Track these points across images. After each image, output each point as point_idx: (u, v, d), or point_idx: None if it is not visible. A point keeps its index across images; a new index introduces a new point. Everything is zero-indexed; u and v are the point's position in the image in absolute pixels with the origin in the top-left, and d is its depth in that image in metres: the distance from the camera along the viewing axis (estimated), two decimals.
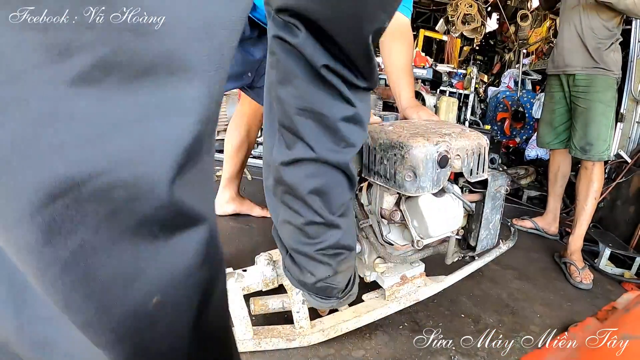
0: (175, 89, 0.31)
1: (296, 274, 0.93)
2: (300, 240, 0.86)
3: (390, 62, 1.36)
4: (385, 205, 1.09)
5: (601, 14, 1.83)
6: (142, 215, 0.32)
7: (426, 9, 6.77)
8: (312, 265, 0.89)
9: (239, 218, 1.95)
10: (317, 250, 0.86)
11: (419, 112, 1.25)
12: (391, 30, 1.35)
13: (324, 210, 0.81)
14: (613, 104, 1.89)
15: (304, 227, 0.83)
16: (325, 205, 0.81)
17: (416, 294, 1.25)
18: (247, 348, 1.07)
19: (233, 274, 1.05)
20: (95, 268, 0.31)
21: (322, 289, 0.94)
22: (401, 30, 1.34)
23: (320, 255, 0.86)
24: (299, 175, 0.77)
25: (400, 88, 1.32)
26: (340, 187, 0.81)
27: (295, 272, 0.93)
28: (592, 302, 1.61)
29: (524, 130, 3.90)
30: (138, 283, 0.34)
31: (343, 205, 0.84)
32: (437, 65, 4.24)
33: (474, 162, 1.03)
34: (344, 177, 0.80)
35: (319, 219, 0.81)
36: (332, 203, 0.81)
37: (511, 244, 1.41)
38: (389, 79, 1.39)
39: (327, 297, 0.99)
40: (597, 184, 1.88)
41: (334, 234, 0.85)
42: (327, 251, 0.86)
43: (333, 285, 0.94)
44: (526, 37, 4.14)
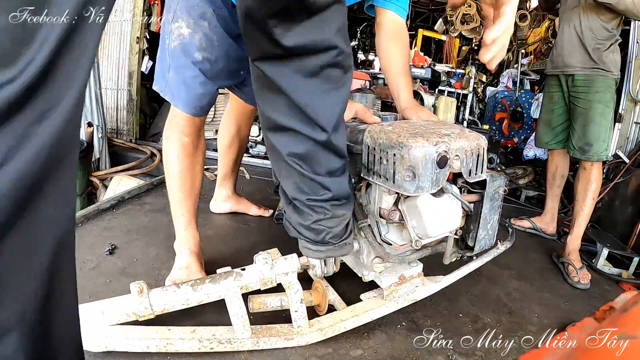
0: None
1: (295, 218, 1.05)
2: (298, 190, 1.00)
3: (388, 62, 1.36)
4: (384, 205, 1.09)
5: (601, 14, 1.83)
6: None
7: (425, 8, 6.77)
8: (308, 209, 1.02)
9: (236, 217, 1.95)
10: (309, 199, 1.00)
11: (419, 113, 1.26)
12: (387, 30, 1.36)
13: (308, 171, 0.96)
14: (612, 104, 1.89)
15: (299, 183, 0.99)
16: (309, 167, 0.96)
17: (414, 294, 1.25)
18: (245, 347, 1.07)
19: (231, 273, 1.05)
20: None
21: (318, 231, 1.04)
22: (397, 31, 1.35)
23: (313, 202, 1.00)
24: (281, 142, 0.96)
25: (399, 89, 1.33)
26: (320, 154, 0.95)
27: (295, 217, 1.05)
28: (590, 302, 1.61)
29: (522, 130, 3.91)
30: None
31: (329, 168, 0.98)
32: (435, 65, 4.25)
33: (472, 162, 1.03)
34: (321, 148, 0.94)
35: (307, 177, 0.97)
36: (314, 166, 0.96)
37: (509, 244, 1.41)
38: (387, 79, 1.39)
39: (322, 242, 1.06)
40: (596, 184, 1.89)
41: (324, 190, 0.99)
42: (320, 203, 1.00)
43: (328, 228, 1.04)
44: (525, 37, 4.15)
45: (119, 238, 1.61)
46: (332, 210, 1.02)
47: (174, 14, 1.22)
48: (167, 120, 1.35)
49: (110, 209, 1.90)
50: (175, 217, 1.38)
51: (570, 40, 1.93)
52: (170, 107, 1.33)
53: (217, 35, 1.23)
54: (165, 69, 1.28)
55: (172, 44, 1.23)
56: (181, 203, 1.36)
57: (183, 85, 1.26)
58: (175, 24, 1.22)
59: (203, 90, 1.27)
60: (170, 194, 1.37)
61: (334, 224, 1.04)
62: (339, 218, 1.04)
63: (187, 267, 1.30)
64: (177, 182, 1.34)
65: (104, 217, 1.82)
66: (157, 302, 1.01)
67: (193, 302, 1.03)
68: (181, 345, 1.03)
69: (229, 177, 1.92)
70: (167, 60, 1.27)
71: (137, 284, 0.99)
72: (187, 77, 1.25)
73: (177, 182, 1.35)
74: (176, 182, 1.35)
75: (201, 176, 1.44)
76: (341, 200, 1.03)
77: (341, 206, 1.03)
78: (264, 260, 1.05)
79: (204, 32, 1.22)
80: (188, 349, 1.03)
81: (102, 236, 1.62)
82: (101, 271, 1.38)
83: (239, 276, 1.04)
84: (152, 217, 1.85)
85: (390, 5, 1.32)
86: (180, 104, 1.29)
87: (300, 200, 1.01)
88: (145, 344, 1.01)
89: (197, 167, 1.39)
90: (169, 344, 1.02)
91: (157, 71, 1.32)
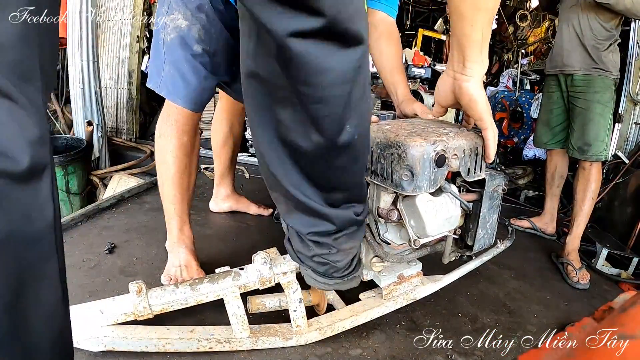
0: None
1: (297, 245, 0.97)
2: (300, 223, 0.92)
3: (382, 60, 1.38)
4: (382, 205, 1.09)
5: (600, 14, 1.83)
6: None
7: (425, 8, 6.77)
8: (311, 242, 0.93)
9: (235, 216, 1.95)
10: (309, 233, 0.91)
11: (413, 105, 1.29)
12: (379, 30, 1.36)
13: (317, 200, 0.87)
14: (611, 104, 1.89)
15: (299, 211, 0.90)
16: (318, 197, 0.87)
17: (413, 293, 1.25)
18: (244, 347, 1.07)
19: (230, 273, 1.05)
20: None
21: (320, 264, 0.97)
22: (389, 30, 1.37)
23: (313, 236, 0.92)
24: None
25: (396, 84, 1.36)
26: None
27: (297, 244, 0.97)
28: (589, 302, 1.61)
29: (522, 130, 3.91)
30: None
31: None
32: (435, 65, 4.24)
33: (471, 161, 1.03)
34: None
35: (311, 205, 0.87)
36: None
37: (509, 243, 1.41)
38: (382, 76, 1.41)
39: (325, 275, 1.00)
40: (595, 184, 1.88)
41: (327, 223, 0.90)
42: (324, 238, 0.91)
43: (331, 262, 0.96)
44: (525, 37, 4.15)
45: (119, 237, 1.61)
46: (337, 245, 0.94)
47: (169, 6, 1.19)
48: (162, 117, 1.31)
49: (110, 208, 1.90)
50: (170, 216, 1.35)
51: (570, 40, 1.93)
52: (165, 103, 1.29)
53: (215, 28, 1.21)
54: (160, 63, 1.24)
55: (169, 37, 1.20)
56: (177, 203, 1.34)
57: (181, 80, 1.22)
58: (171, 16, 1.19)
59: (204, 84, 1.25)
60: (165, 194, 1.34)
61: (340, 257, 0.96)
62: (345, 252, 0.96)
63: (186, 266, 1.30)
64: (174, 181, 1.32)
65: (104, 216, 1.82)
66: (156, 301, 1.01)
67: (192, 302, 1.03)
68: (180, 345, 1.03)
69: (226, 176, 1.91)
70: (162, 55, 1.23)
71: (136, 283, 0.99)
72: (186, 70, 1.21)
73: (174, 182, 1.32)
74: (172, 181, 1.32)
75: (196, 174, 1.42)
76: (349, 229, 0.94)
77: (348, 237, 0.94)
78: (262, 259, 1.05)
79: (202, 24, 1.19)
80: (187, 348, 1.03)
81: (102, 235, 1.62)
82: (100, 270, 1.38)
83: (238, 276, 1.04)
84: (151, 216, 1.85)
85: (379, 5, 1.35)
86: (180, 99, 1.25)
87: (302, 232, 0.94)
88: (144, 343, 1.01)
89: (193, 166, 1.37)
90: (167, 344, 1.02)
91: (151, 68, 1.29)
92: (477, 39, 0.83)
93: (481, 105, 0.91)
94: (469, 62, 0.86)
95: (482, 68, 0.88)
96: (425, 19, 7.04)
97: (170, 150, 1.29)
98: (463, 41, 0.84)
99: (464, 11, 0.80)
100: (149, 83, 1.30)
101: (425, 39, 5.96)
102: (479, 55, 0.86)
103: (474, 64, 0.87)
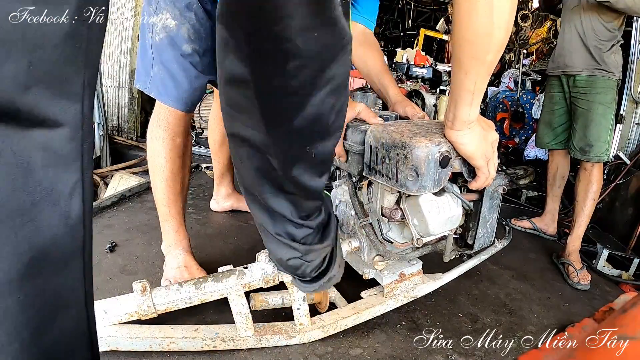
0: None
1: (274, 250, 1.00)
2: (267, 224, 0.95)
3: (367, 67, 1.41)
4: (386, 204, 1.09)
5: (602, 15, 1.83)
6: None
7: (427, 8, 6.77)
8: (281, 244, 0.96)
9: (237, 215, 1.95)
10: (277, 234, 0.94)
11: (406, 108, 1.30)
12: (358, 40, 1.39)
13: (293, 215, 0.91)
14: (613, 105, 1.89)
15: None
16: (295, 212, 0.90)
17: (414, 291, 1.26)
18: (248, 345, 1.07)
19: (234, 271, 1.05)
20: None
21: (294, 267, 0.99)
22: (367, 40, 1.41)
23: (282, 238, 0.94)
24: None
25: (386, 86, 1.37)
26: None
27: (274, 248, 0.99)
28: (590, 303, 1.62)
29: (524, 131, 3.91)
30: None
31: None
32: (437, 65, 4.23)
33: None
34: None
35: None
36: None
37: (506, 242, 1.41)
38: (370, 80, 1.43)
39: (302, 277, 1.02)
40: (596, 185, 1.89)
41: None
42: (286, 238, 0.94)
43: (306, 261, 0.98)
44: (526, 38, 4.14)
45: (120, 236, 1.62)
46: (305, 251, 0.96)
47: (157, 5, 1.18)
48: (153, 119, 1.30)
49: (111, 207, 1.91)
50: (165, 219, 1.34)
51: (572, 41, 1.93)
52: (156, 105, 1.28)
53: (204, 27, 1.20)
54: (148, 63, 1.22)
55: (157, 37, 1.19)
56: (171, 205, 1.32)
57: (171, 81, 1.21)
58: (159, 15, 1.18)
59: (195, 84, 1.24)
60: (159, 196, 1.32)
61: (311, 257, 0.99)
62: (317, 252, 0.98)
63: (186, 267, 1.30)
64: (168, 184, 1.30)
65: (105, 215, 1.82)
66: (160, 301, 1.01)
67: (196, 301, 1.03)
68: (184, 344, 1.03)
69: (226, 175, 1.92)
70: (149, 54, 1.22)
71: (140, 282, 0.99)
72: (176, 71, 1.20)
73: (168, 184, 1.30)
74: (167, 184, 1.30)
75: (189, 175, 1.41)
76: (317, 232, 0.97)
77: (318, 239, 0.97)
78: (266, 258, 1.06)
79: (191, 24, 1.18)
80: (191, 347, 1.04)
81: (103, 234, 1.63)
82: (102, 269, 1.38)
83: (242, 274, 1.05)
84: (152, 215, 1.85)
85: (358, 18, 1.39)
86: (171, 100, 1.24)
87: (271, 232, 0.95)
88: (148, 343, 1.02)
89: (186, 167, 1.37)
90: (172, 343, 1.02)
91: (139, 67, 1.28)
92: (469, 89, 0.83)
93: (471, 151, 0.94)
94: (457, 121, 0.90)
95: (469, 123, 0.90)
96: (427, 19, 7.05)
97: (164, 152, 1.28)
98: (455, 89, 0.86)
99: (461, 58, 0.81)
100: (136, 83, 1.29)
101: (427, 39, 5.96)
102: (469, 108, 0.87)
103: (461, 123, 0.90)
